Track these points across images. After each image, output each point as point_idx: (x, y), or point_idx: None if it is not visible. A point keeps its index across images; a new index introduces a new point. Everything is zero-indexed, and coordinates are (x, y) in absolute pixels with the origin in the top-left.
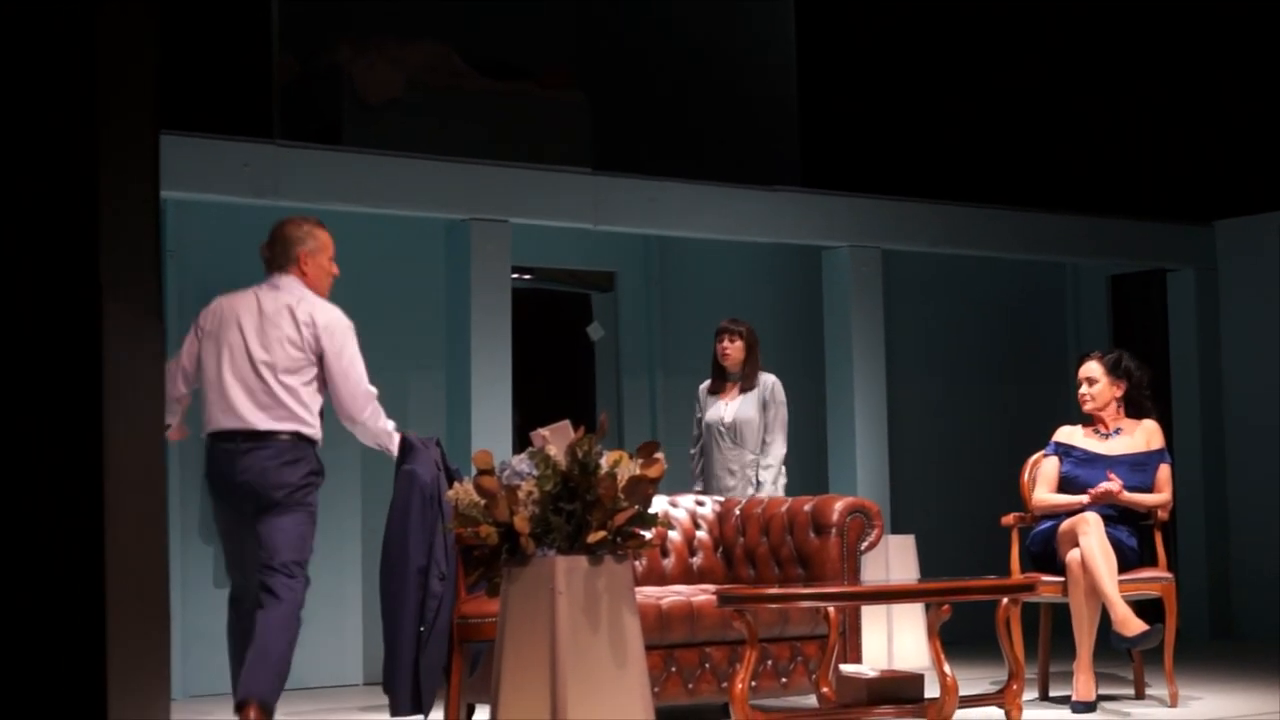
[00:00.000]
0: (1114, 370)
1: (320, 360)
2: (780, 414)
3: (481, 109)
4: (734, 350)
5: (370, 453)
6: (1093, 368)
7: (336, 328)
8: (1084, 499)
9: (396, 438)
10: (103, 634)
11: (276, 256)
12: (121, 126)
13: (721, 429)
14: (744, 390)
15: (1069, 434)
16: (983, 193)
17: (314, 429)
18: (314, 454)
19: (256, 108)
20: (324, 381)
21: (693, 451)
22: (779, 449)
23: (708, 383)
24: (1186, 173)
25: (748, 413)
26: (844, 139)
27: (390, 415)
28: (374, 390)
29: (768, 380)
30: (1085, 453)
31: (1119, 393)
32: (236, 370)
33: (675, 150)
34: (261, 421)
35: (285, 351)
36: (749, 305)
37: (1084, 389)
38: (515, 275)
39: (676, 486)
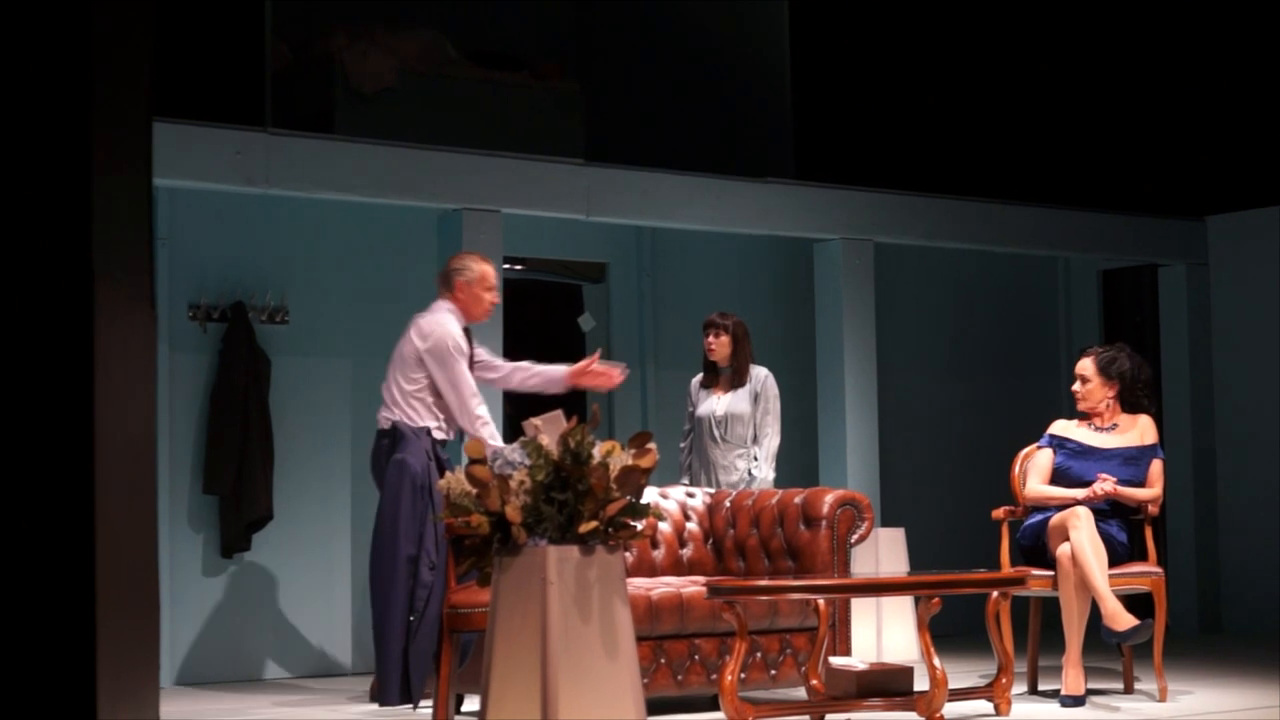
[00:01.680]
0: (1105, 371)
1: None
2: (772, 407)
3: (474, 99)
4: (719, 345)
5: (359, 442)
6: (1086, 366)
7: (437, 350)
8: (1077, 494)
9: (489, 442)
10: (92, 622)
11: (441, 283)
12: (114, 114)
13: (713, 423)
14: (735, 384)
15: (1064, 427)
16: (975, 186)
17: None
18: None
19: (249, 95)
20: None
21: (682, 445)
22: (772, 442)
23: (699, 377)
24: (1179, 168)
25: (739, 407)
26: (837, 131)
27: (380, 404)
28: (475, 402)
29: (759, 373)
30: (1079, 445)
31: (1111, 393)
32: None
33: (668, 141)
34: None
35: (403, 364)
36: (740, 297)
37: (1076, 386)
38: (507, 265)
39: (667, 478)
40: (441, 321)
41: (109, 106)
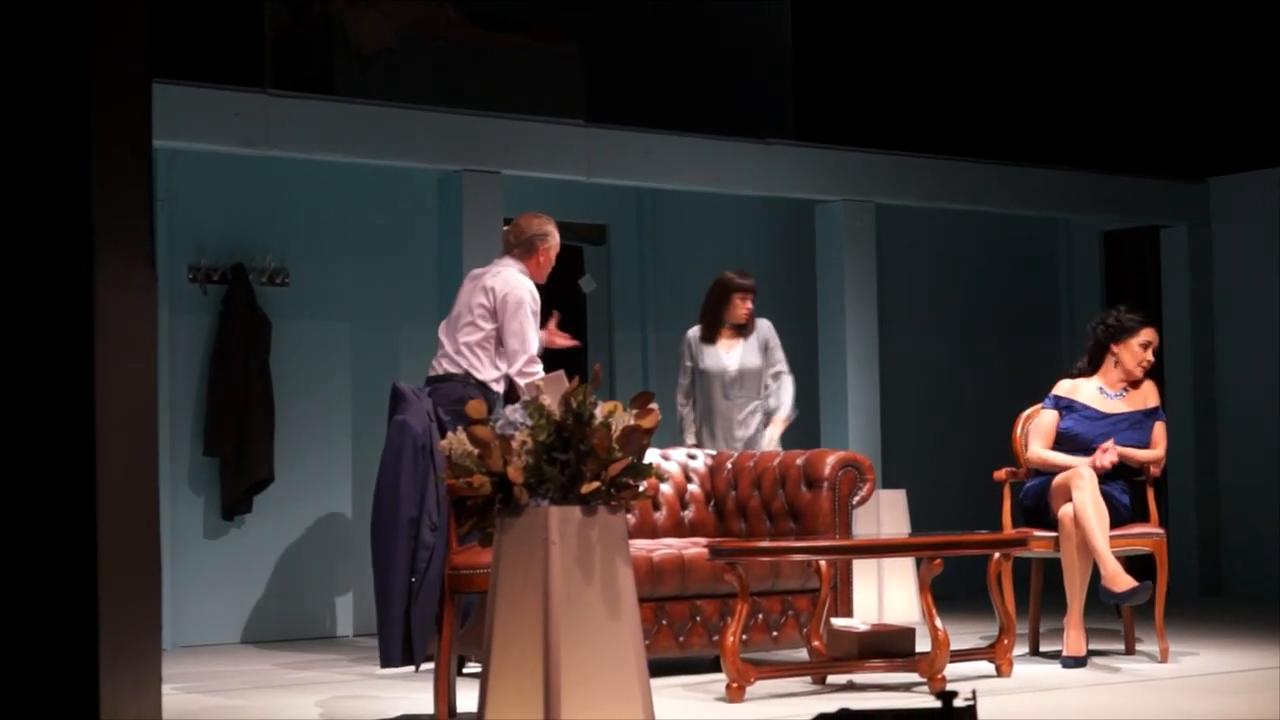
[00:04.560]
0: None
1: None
2: (781, 354)
3: (474, 60)
4: (750, 308)
5: (360, 403)
6: (1154, 335)
7: (516, 299)
8: (1080, 462)
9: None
10: (94, 584)
11: (520, 244)
12: (114, 76)
13: (727, 378)
14: (743, 337)
15: (1071, 389)
16: (977, 147)
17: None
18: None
19: (248, 57)
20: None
21: (683, 401)
22: (792, 386)
23: (697, 330)
24: (1181, 129)
25: (752, 360)
26: (838, 92)
27: (381, 366)
28: (531, 356)
29: (763, 324)
30: (1090, 410)
31: None
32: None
33: (669, 103)
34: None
35: (469, 316)
36: (741, 259)
37: (1149, 355)
38: (507, 227)
39: (668, 438)
40: (515, 276)
41: (108, 68)
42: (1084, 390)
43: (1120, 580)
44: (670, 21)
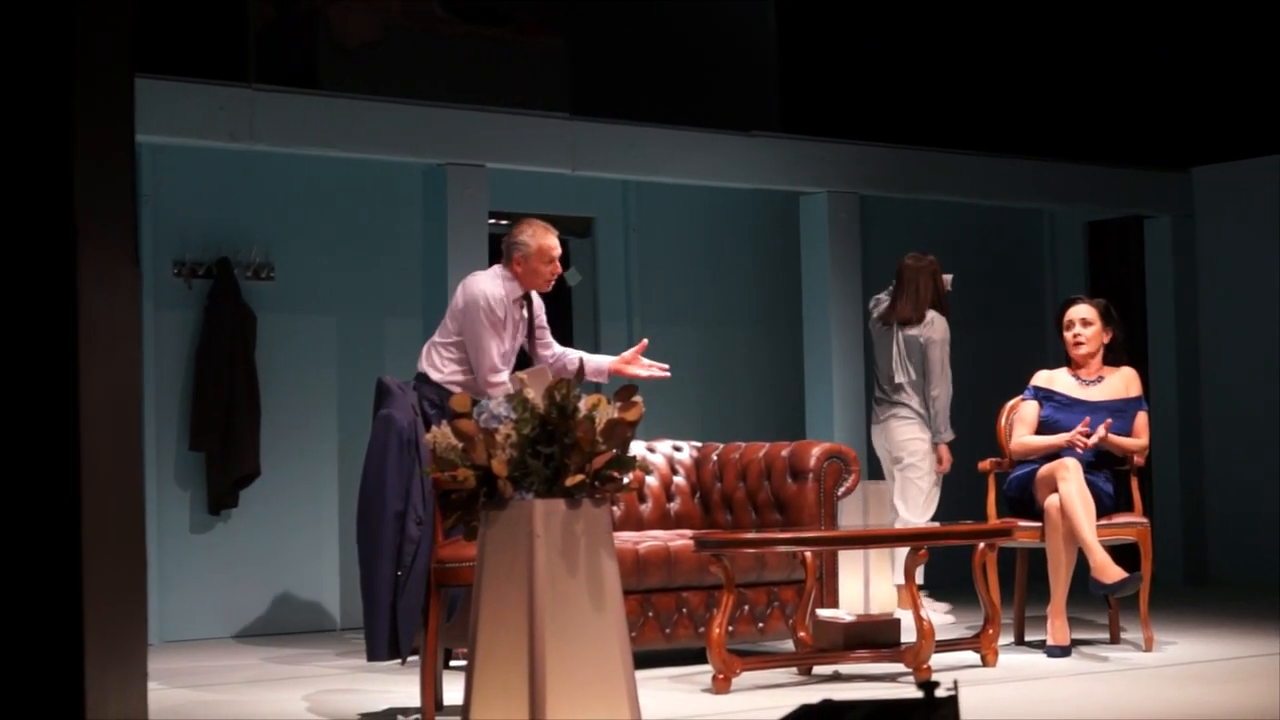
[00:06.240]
0: (1106, 317)
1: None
2: None
3: (459, 53)
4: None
5: (346, 397)
6: (1086, 310)
7: (469, 309)
8: (1063, 438)
9: (501, 390)
10: (79, 580)
11: (504, 250)
12: (96, 70)
13: None
14: None
15: (1048, 378)
16: (961, 138)
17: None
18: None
19: (232, 51)
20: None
21: None
22: None
23: (944, 321)
24: (1164, 119)
25: None
26: (823, 84)
27: (366, 360)
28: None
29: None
30: (1066, 397)
31: (1107, 339)
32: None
33: (654, 95)
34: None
35: (446, 318)
36: (726, 251)
37: (1078, 330)
38: (492, 220)
39: (671, 431)
40: (481, 281)
41: (91, 63)
42: (1059, 379)
43: (1109, 571)
44: (655, 15)
